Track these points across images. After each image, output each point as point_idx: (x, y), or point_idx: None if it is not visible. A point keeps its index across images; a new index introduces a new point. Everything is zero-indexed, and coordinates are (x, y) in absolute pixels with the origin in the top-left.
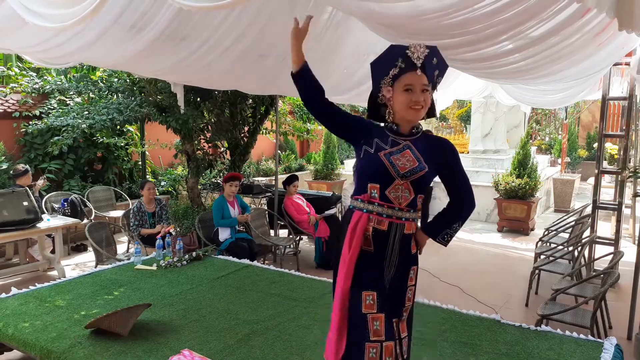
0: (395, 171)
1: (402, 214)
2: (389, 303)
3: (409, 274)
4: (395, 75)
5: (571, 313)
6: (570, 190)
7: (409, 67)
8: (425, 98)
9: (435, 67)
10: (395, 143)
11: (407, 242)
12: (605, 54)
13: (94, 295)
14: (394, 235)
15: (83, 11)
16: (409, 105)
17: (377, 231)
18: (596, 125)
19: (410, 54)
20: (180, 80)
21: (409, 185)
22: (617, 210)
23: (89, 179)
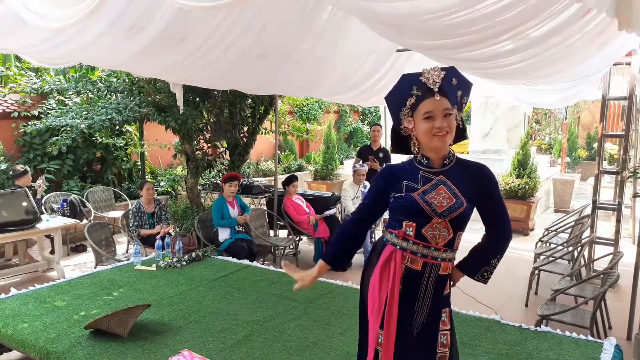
0: (432, 210)
1: (439, 253)
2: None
3: (440, 317)
4: (413, 104)
5: (571, 313)
6: (570, 191)
7: (425, 93)
8: (449, 123)
9: (457, 87)
10: (427, 179)
11: (442, 284)
12: (606, 54)
13: (94, 295)
14: (428, 276)
15: (82, 11)
16: (432, 132)
17: (410, 271)
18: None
19: (425, 80)
20: (180, 80)
21: (447, 224)
22: (616, 210)
23: (88, 180)
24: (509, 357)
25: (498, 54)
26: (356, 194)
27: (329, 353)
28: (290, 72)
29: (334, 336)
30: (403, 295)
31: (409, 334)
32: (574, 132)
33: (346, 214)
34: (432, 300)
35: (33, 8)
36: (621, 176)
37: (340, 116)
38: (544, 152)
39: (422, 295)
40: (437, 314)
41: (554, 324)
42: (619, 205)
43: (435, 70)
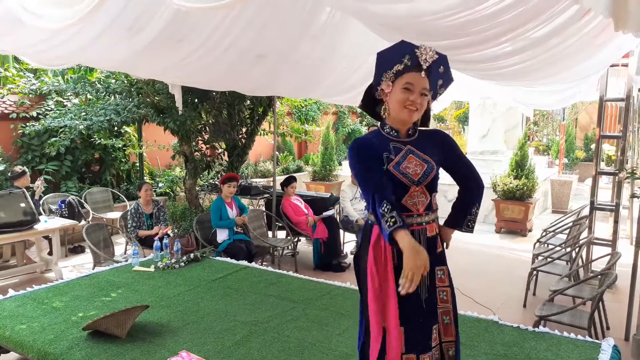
0: (408, 180)
1: (422, 218)
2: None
3: (436, 275)
4: (399, 71)
5: (569, 314)
6: (567, 192)
7: (414, 66)
8: (422, 101)
9: (440, 76)
10: (398, 150)
11: (432, 245)
12: (603, 55)
13: (92, 297)
14: (418, 241)
15: (81, 12)
16: (405, 104)
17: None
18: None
19: (419, 54)
20: (178, 81)
21: (424, 189)
22: (614, 211)
23: (86, 181)
24: (507, 357)
25: (498, 55)
26: (354, 195)
27: (328, 354)
28: (289, 74)
29: (333, 337)
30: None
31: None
32: (572, 133)
33: (344, 215)
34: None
35: (31, 8)
36: (619, 177)
37: (338, 117)
38: (542, 153)
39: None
40: (433, 273)
41: (552, 325)
42: (617, 206)
43: (431, 51)
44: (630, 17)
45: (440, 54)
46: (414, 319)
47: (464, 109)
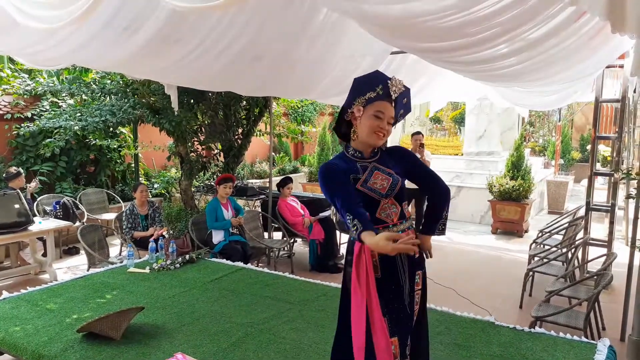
0: (377, 194)
1: (397, 228)
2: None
3: (415, 280)
4: (371, 98)
5: (565, 315)
6: (563, 192)
7: (385, 96)
8: (389, 128)
9: (402, 106)
10: (364, 168)
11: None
12: (599, 56)
13: (86, 298)
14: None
15: (76, 12)
16: (375, 130)
17: (382, 255)
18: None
19: (390, 85)
20: (174, 82)
21: (393, 201)
22: (610, 212)
23: (81, 182)
24: (503, 358)
25: (494, 56)
26: None
27: (324, 356)
28: (285, 74)
29: (329, 339)
30: (388, 278)
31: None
32: (568, 134)
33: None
34: (409, 267)
35: (26, 9)
36: (614, 178)
37: (334, 118)
38: (538, 154)
39: (401, 269)
40: (412, 277)
41: (548, 325)
42: (612, 207)
43: (400, 83)
44: (628, 19)
45: (406, 87)
46: (403, 327)
47: (460, 110)
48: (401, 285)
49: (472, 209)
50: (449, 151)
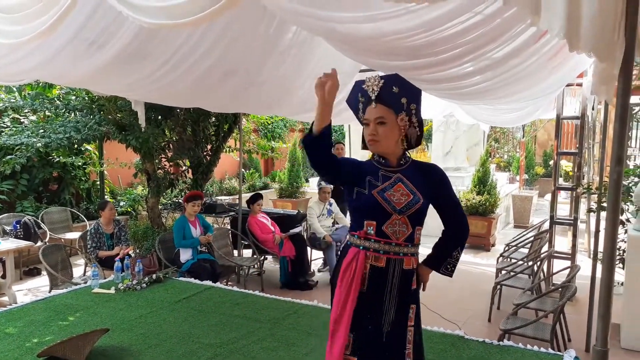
0: (391, 207)
1: (400, 249)
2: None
3: (407, 314)
4: (362, 109)
5: (532, 327)
6: (528, 207)
7: (367, 100)
8: (382, 131)
9: (400, 94)
10: (387, 177)
11: (407, 279)
12: (560, 75)
13: (48, 321)
14: (393, 271)
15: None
16: (367, 139)
17: (375, 268)
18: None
19: (366, 87)
20: (142, 98)
21: (406, 220)
22: (572, 225)
23: (43, 200)
24: None
25: (460, 75)
26: (322, 212)
27: None
28: (255, 91)
29: (300, 357)
30: (370, 295)
31: (379, 335)
32: (531, 150)
33: (312, 232)
34: (399, 295)
35: None
36: (576, 192)
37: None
38: (503, 169)
39: (389, 290)
40: (405, 310)
41: (517, 338)
42: (575, 221)
43: (375, 79)
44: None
45: (385, 76)
46: (368, 351)
47: (427, 127)
48: (383, 307)
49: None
50: None
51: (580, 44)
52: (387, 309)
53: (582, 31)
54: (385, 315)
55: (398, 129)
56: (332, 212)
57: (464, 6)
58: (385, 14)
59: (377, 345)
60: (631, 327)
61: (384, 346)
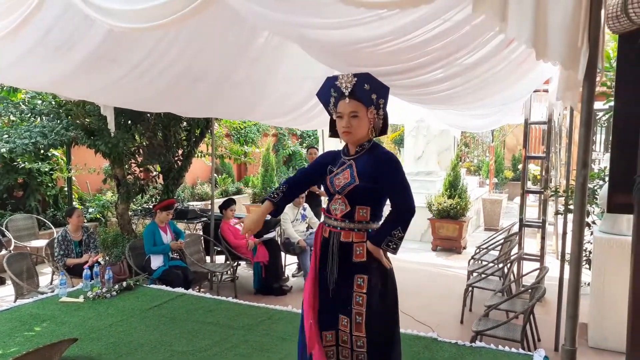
0: (333, 188)
1: (338, 223)
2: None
3: (354, 281)
4: (334, 103)
5: (503, 328)
6: (498, 210)
7: (340, 95)
8: (353, 122)
9: (371, 91)
10: (342, 164)
11: (346, 250)
12: (527, 81)
13: (13, 332)
14: (332, 242)
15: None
16: (341, 130)
17: (323, 238)
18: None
19: (339, 84)
20: (111, 102)
21: (344, 199)
22: (541, 227)
23: (8, 207)
24: None
25: (430, 81)
26: (296, 217)
27: None
28: (226, 96)
29: None
30: (321, 259)
31: (327, 290)
32: (500, 154)
33: (286, 237)
34: (340, 264)
35: None
36: (544, 195)
37: (278, 139)
38: (473, 173)
39: (330, 257)
40: (350, 279)
41: (488, 339)
42: (543, 223)
43: (348, 77)
44: (550, 47)
45: (358, 74)
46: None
47: (399, 132)
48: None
49: (412, 227)
50: None
51: (547, 53)
52: (330, 271)
53: (547, 40)
54: (329, 276)
55: (367, 121)
56: (306, 216)
57: (434, 13)
58: (356, 21)
59: (324, 298)
60: (598, 326)
61: (330, 300)
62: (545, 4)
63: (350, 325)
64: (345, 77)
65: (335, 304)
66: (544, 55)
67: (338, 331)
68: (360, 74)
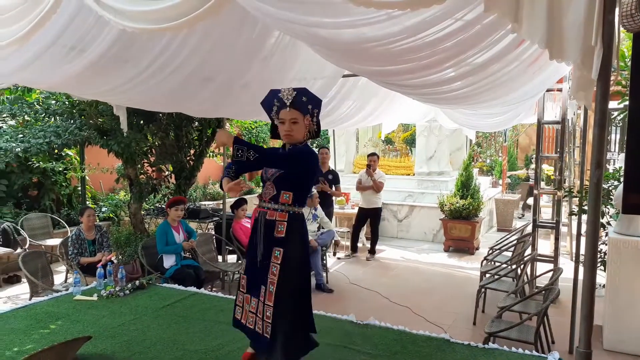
0: (265, 176)
1: (265, 204)
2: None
3: (272, 253)
4: (276, 110)
5: (516, 330)
6: (511, 210)
7: (282, 105)
8: (294, 128)
9: (307, 103)
10: None
11: (270, 227)
12: (540, 80)
13: (28, 329)
14: (260, 220)
15: (20, 31)
16: (283, 133)
17: (256, 217)
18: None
19: (282, 96)
20: (124, 102)
21: (272, 184)
22: (555, 228)
23: (23, 206)
24: None
25: (441, 80)
26: (307, 217)
27: None
28: (237, 96)
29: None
30: (252, 235)
31: (255, 263)
32: (513, 154)
33: None
34: (265, 238)
35: None
36: (557, 196)
37: None
38: (486, 173)
39: (259, 233)
40: (270, 251)
41: (501, 341)
42: (557, 224)
43: (289, 90)
44: (564, 47)
45: (297, 88)
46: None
47: (411, 132)
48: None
49: (424, 228)
50: (401, 171)
51: (561, 53)
52: (258, 245)
53: (562, 40)
54: (258, 250)
55: (304, 126)
56: (318, 216)
57: (445, 12)
58: (366, 20)
59: (253, 269)
60: (613, 328)
61: (257, 271)
62: (559, 3)
63: (264, 294)
64: (287, 91)
65: (259, 275)
66: (558, 55)
67: (259, 301)
68: (298, 88)
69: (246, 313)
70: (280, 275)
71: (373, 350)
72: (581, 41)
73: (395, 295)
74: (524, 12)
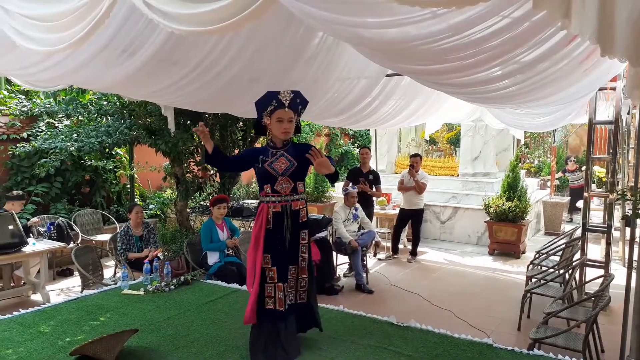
0: (276, 173)
1: (287, 197)
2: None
3: (300, 235)
4: (272, 110)
5: (563, 336)
6: (560, 213)
7: (280, 105)
8: (291, 126)
9: (299, 104)
10: (274, 154)
11: (296, 214)
12: (591, 79)
13: (79, 321)
14: (286, 211)
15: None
16: (281, 130)
17: (275, 213)
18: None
19: (281, 97)
20: (171, 103)
21: (288, 179)
22: (606, 232)
23: (76, 202)
24: None
25: (488, 79)
26: (347, 216)
27: None
28: None
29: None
30: (275, 229)
31: (282, 249)
32: (562, 155)
33: (337, 237)
34: (293, 225)
35: (26, 32)
36: (609, 199)
37: (331, 139)
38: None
39: (286, 224)
40: (298, 233)
41: (547, 347)
42: (609, 228)
43: (288, 93)
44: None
45: (294, 91)
46: (281, 260)
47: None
48: (284, 232)
49: (468, 230)
50: (445, 172)
51: (613, 49)
52: (286, 232)
53: (614, 36)
54: (285, 235)
55: (294, 124)
56: (358, 217)
57: (491, 10)
58: (411, 19)
59: (283, 252)
60: None
61: (286, 251)
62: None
63: (297, 271)
64: (286, 93)
65: (289, 254)
66: (610, 52)
67: (288, 279)
68: (295, 91)
69: (280, 300)
70: (308, 251)
71: (414, 353)
72: (635, 36)
73: (436, 298)
74: (574, 8)
